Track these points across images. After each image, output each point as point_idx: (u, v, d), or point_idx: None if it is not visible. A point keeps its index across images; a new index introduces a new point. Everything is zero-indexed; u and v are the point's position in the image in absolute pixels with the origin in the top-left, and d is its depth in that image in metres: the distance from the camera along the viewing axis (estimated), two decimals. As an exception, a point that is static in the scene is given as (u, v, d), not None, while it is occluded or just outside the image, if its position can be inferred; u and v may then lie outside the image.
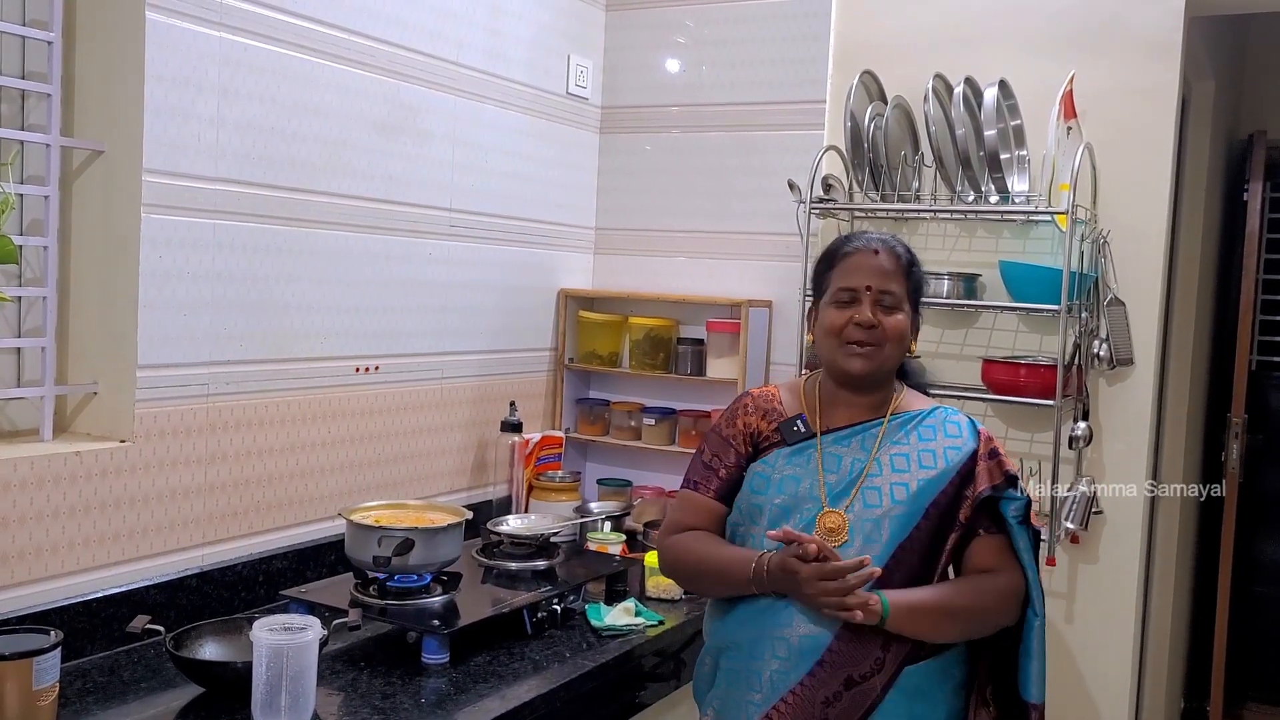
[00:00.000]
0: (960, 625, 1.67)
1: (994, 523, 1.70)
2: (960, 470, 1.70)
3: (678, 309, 2.89)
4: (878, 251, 1.74)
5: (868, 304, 1.71)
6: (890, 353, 1.72)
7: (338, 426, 2.25)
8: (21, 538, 1.69)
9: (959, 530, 1.68)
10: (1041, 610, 1.70)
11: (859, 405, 1.77)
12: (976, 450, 1.72)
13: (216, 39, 1.94)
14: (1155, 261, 2.43)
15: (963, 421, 1.76)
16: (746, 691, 1.66)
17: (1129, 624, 2.46)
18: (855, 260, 1.75)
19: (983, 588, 1.67)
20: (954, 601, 1.66)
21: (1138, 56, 2.42)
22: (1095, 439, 2.46)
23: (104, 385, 1.88)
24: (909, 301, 1.75)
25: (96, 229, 1.88)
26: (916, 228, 2.64)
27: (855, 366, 1.72)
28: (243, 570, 2.04)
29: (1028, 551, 1.69)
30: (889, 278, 1.73)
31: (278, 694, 1.51)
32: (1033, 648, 1.69)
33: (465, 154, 2.55)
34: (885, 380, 1.77)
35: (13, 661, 1.38)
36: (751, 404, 1.83)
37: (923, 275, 1.81)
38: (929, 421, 1.75)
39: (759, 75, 2.82)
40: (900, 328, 1.72)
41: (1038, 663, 1.69)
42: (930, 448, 1.72)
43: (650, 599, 2.25)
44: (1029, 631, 1.70)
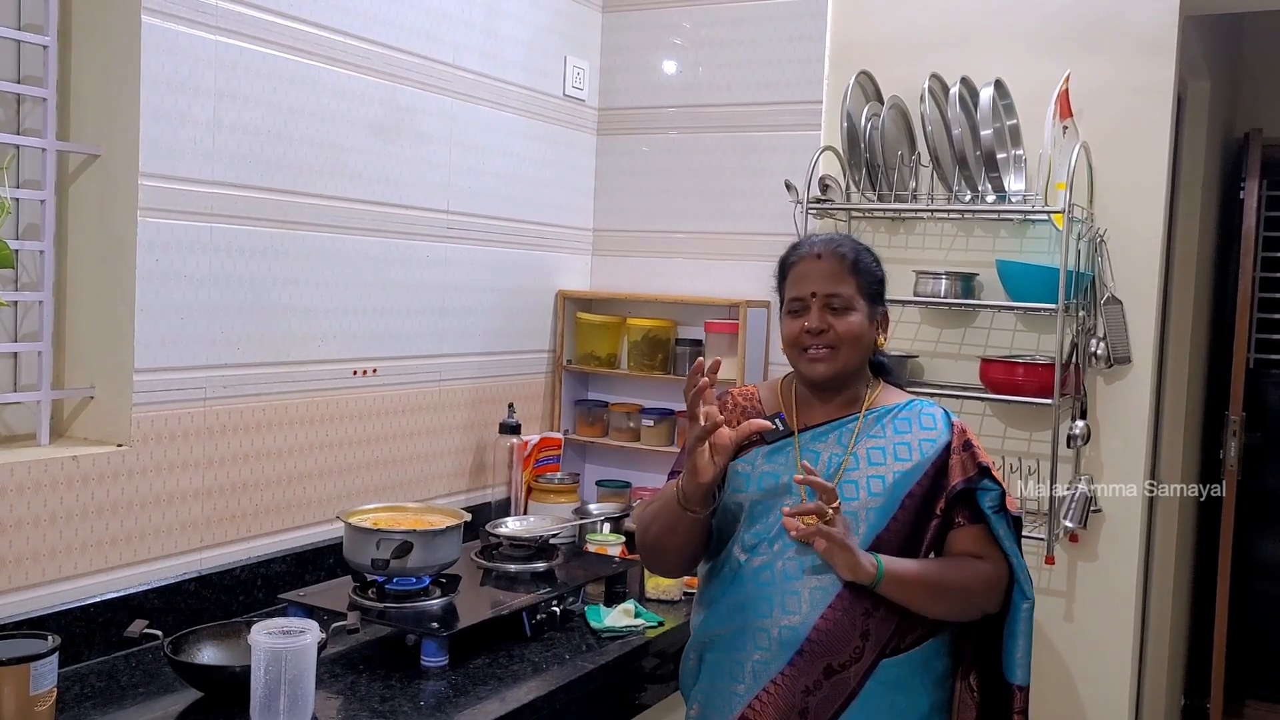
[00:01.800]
0: (947, 602, 1.69)
1: (972, 513, 1.72)
2: (935, 462, 1.72)
3: (676, 310, 2.89)
4: (820, 256, 1.76)
5: (815, 310, 1.73)
6: (848, 354, 1.73)
7: (336, 429, 2.25)
8: (19, 542, 1.69)
9: (937, 520, 1.70)
10: (1030, 593, 1.72)
11: (834, 403, 1.79)
12: (950, 442, 1.74)
13: (212, 42, 1.94)
14: (1152, 260, 2.43)
15: (937, 414, 1.78)
16: (730, 683, 1.69)
17: (1128, 622, 2.47)
18: (800, 268, 1.77)
19: (970, 569, 1.70)
20: (944, 576, 1.68)
21: (1133, 55, 2.42)
22: (1093, 437, 2.46)
23: (101, 389, 1.88)
24: (863, 298, 1.75)
25: (93, 233, 1.88)
26: (914, 227, 2.64)
27: (816, 372, 1.74)
28: (241, 574, 2.04)
29: (1009, 539, 1.71)
30: (834, 280, 1.73)
31: (276, 698, 1.51)
32: (1018, 629, 1.72)
33: (462, 156, 2.55)
34: (854, 378, 1.79)
35: (10, 666, 1.38)
36: (731, 403, 1.85)
37: (875, 268, 1.80)
38: (904, 414, 1.77)
39: (756, 76, 2.82)
40: (853, 328, 1.73)
41: (1023, 643, 1.72)
42: (905, 440, 1.74)
43: (650, 600, 2.25)
44: (1015, 613, 1.72)
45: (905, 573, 1.64)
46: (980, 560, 1.71)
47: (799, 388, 1.83)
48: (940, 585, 1.67)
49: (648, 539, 1.81)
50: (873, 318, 1.77)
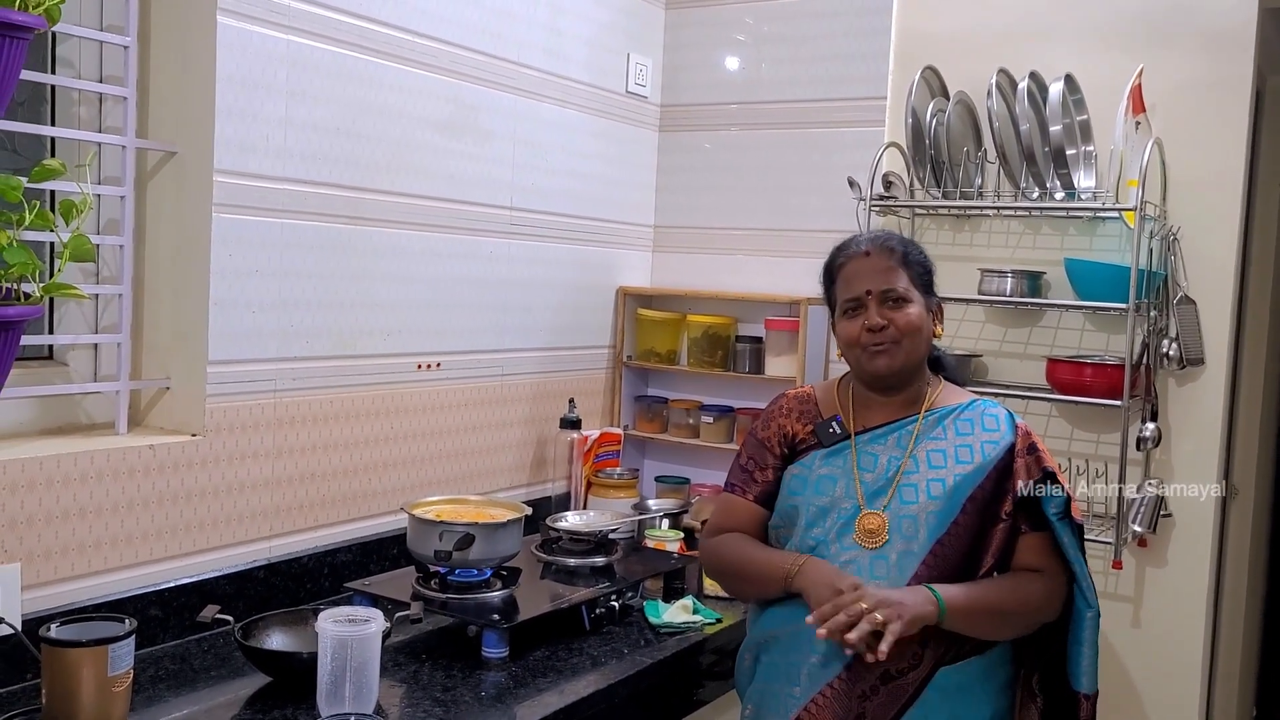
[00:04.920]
0: (1009, 625, 1.67)
1: (1036, 520, 1.69)
2: (998, 464, 1.69)
3: (736, 307, 2.89)
4: (869, 253, 1.74)
5: (874, 307, 1.71)
6: (911, 346, 1.71)
7: (400, 422, 2.29)
8: (98, 528, 1.74)
9: (1003, 523, 1.67)
10: (1094, 601, 1.69)
11: (893, 403, 1.77)
12: (1015, 445, 1.71)
13: (285, 42, 1.98)
14: (1227, 259, 2.37)
15: (1001, 414, 1.75)
16: (786, 685, 1.68)
17: (1198, 630, 2.41)
18: (850, 268, 1.75)
19: (1029, 588, 1.67)
20: (1004, 602, 1.65)
21: (1210, 49, 2.36)
22: (1164, 440, 2.40)
23: (176, 380, 1.93)
24: (917, 289, 1.73)
25: (170, 228, 1.93)
26: (979, 225, 2.61)
27: (880, 366, 1.72)
28: (308, 562, 2.08)
29: (1073, 547, 1.68)
30: (887, 275, 1.72)
31: (342, 684, 1.54)
32: (1084, 636, 1.69)
33: (525, 153, 2.58)
34: (915, 375, 1.76)
35: (89, 648, 1.42)
36: (786, 406, 1.84)
37: (924, 259, 1.78)
38: (966, 415, 1.74)
39: (819, 72, 2.80)
40: (913, 320, 1.71)
41: (1089, 651, 1.69)
42: (967, 442, 1.71)
43: (708, 597, 2.25)
44: (1080, 621, 1.69)
45: (967, 604, 1.61)
46: (1037, 574, 1.68)
47: (857, 389, 1.81)
48: (1001, 610, 1.64)
49: (725, 573, 1.84)
50: (929, 308, 1.75)
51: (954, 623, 1.60)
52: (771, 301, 2.78)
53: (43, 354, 1.90)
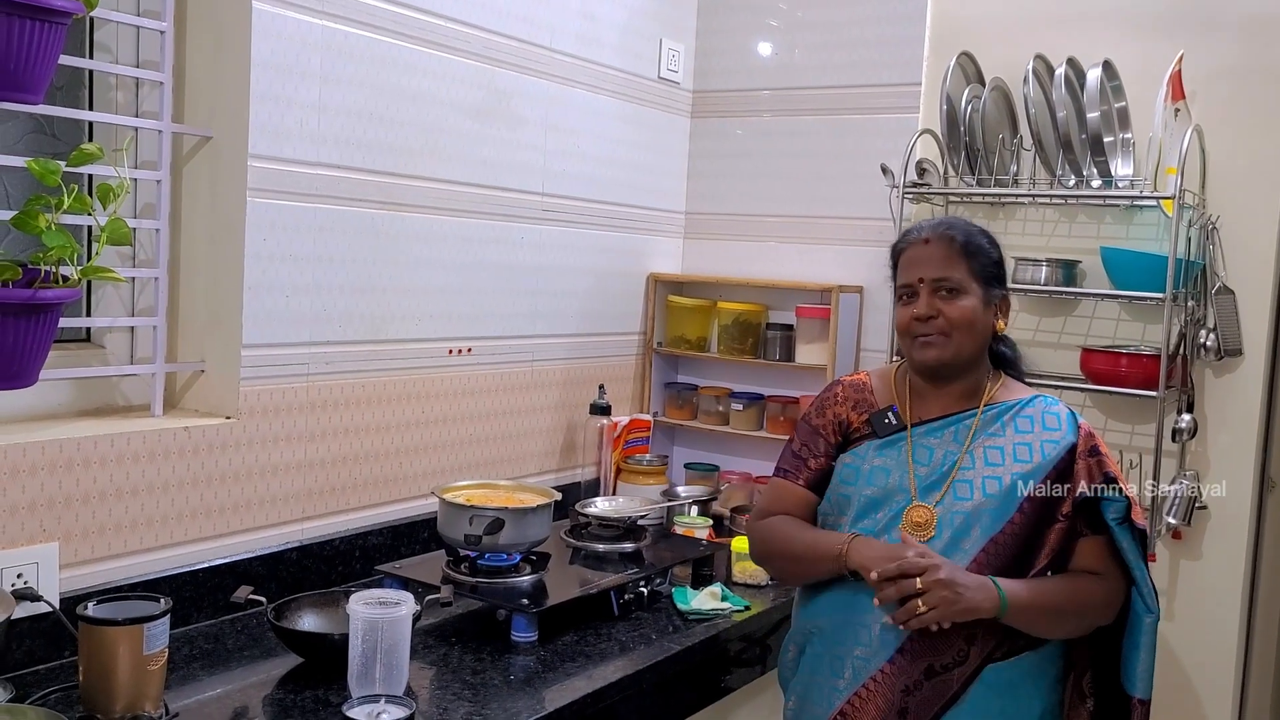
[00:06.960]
0: (1065, 625, 1.65)
1: (1095, 523, 1.65)
2: (1058, 465, 1.66)
3: (767, 294, 2.87)
4: (928, 240, 1.71)
5: (924, 296, 1.68)
6: (960, 339, 1.67)
7: (431, 407, 2.30)
8: (134, 508, 1.77)
9: (1061, 524, 1.64)
10: (1155, 607, 1.66)
11: (950, 395, 1.73)
12: (1076, 446, 1.67)
13: (319, 27, 1.99)
14: (1267, 249, 2.33)
15: (1063, 413, 1.71)
16: (830, 677, 1.66)
17: (1233, 624, 2.38)
18: (909, 254, 1.73)
19: (1089, 590, 1.64)
20: (1064, 603, 1.63)
21: (1252, 35, 2.31)
22: (1200, 432, 2.37)
23: (211, 363, 1.95)
24: (977, 281, 1.69)
25: (205, 212, 1.95)
26: (1014, 213, 2.58)
27: (927, 357, 1.69)
28: (340, 545, 2.10)
29: (1133, 552, 1.64)
30: (943, 264, 1.68)
31: (373, 666, 1.56)
32: (1141, 641, 1.66)
33: (557, 139, 2.57)
34: (970, 368, 1.73)
35: (125, 627, 1.44)
36: (842, 393, 1.81)
37: (990, 249, 1.73)
38: (1026, 412, 1.71)
39: (853, 57, 2.78)
40: (965, 313, 1.67)
41: (1146, 656, 1.66)
42: (1026, 440, 1.67)
43: (736, 584, 2.25)
44: (1139, 625, 1.66)
45: (1029, 602, 1.59)
46: (1097, 577, 1.65)
47: (913, 378, 1.77)
48: (1060, 610, 1.62)
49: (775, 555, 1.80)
50: (989, 302, 1.70)
51: (1013, 619, 1.58)
52: (803, 289, 2.77)
53: (80, 336, 1.93)
